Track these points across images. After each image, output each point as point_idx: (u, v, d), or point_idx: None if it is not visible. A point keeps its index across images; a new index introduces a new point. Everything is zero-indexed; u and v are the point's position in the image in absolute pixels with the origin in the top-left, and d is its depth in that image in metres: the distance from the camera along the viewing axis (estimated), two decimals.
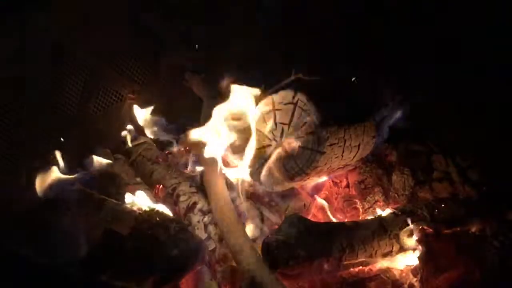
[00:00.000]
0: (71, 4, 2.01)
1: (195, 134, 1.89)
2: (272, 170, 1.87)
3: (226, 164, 2.04)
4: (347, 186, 2.17)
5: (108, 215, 1.69)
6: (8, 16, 1.87)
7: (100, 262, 1.58)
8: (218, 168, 1.89)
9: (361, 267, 1.75)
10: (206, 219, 1.87)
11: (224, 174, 1.97)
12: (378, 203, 2.03)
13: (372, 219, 1.82)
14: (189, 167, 2.10)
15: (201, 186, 1.95)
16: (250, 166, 1.92)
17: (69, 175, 1.93)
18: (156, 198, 2.00)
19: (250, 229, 1.84)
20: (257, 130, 1.92)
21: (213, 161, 1.89)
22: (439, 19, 2.12)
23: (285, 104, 1.84)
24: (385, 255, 1.73)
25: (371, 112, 2.01)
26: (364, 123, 1.91)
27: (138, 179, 2.06)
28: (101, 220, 1.68)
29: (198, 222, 1.88)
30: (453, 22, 2.07)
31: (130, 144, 2.17)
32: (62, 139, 2.08)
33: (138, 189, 1.92)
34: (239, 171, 2.00)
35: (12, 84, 1.93)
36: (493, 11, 1.98)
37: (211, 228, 1.84)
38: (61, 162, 1.84)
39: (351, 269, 1.73)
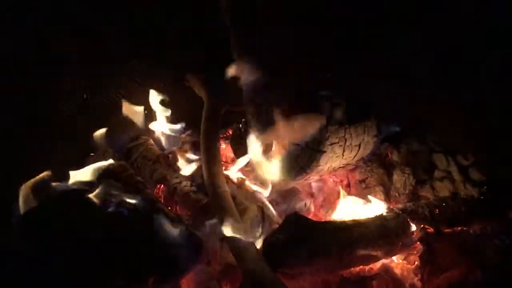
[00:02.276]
0: None
1: None
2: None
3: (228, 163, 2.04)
4: (348, 185, 2.17)
5: (109, 215, 1.68)
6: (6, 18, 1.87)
7: (101, 263, 1.58)
8: (220, 166, 1.89)
9: (362, 266, 1.74)
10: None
11: (225, 173, 1.97)
12: None
13: (373, 218, 1.81)
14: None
15: (201, 186, 1.95)
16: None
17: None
18: (157, 198, 1.99)
19: (250, 228, 1.83)
20: None
21: (215, 159, 1.88)
22: (439, 18, 2.12)
23: None
24: (386, 254, 1.73)
25: (372, 111, 2.01)
26: (364, 122, 1.91)
27: (139, 179, 2.05)
28: (102, 220, 1.67)
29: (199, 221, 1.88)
30: (453, 22, 2.07)
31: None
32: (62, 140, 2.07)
33: None
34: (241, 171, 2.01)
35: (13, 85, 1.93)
36: (493, 11, 1.98)
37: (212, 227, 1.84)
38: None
39: (352, 268, 1.73)
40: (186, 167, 2.02)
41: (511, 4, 1.97)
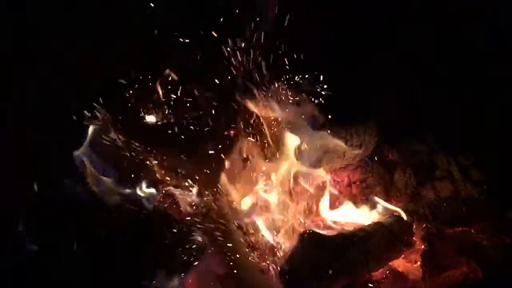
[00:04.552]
0: None
1: None
2: None
3: None
4: (349, 185, 2.16)
5: (111, 215, 1.69)
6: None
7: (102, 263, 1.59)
8: None
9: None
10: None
11: None
12: None
13: (376, 224, 1.77)
14: None
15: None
16: None
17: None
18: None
19: None
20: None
21: None
22: (439, 18, 2.12)
23: None
24: (392, 258, 1.73)
25: (372, 112, 2.02)
26: (365, 122, 1.92)
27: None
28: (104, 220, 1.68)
29: (200, 224, 1.87)
30: (454, 22, 2.08)
31: None
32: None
33: None
34: None
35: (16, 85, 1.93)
36: (494, 10, 1.99)
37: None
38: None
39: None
40: None
41: (511, 4, 1.97)
